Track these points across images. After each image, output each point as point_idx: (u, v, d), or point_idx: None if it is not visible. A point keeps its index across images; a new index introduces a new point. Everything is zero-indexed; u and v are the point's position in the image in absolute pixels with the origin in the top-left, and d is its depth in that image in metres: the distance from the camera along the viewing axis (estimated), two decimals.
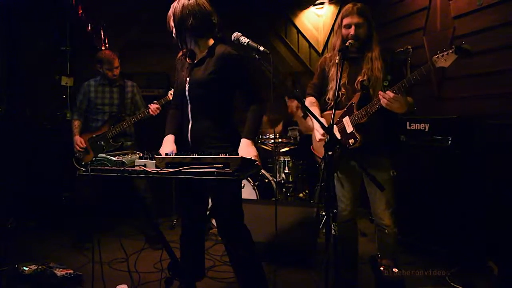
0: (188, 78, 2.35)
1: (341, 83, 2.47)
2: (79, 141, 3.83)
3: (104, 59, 3.85)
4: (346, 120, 2.55)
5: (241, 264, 2.41)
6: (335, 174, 2.62)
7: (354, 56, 2.53)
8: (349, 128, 2.54)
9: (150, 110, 3.74)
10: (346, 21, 2.48)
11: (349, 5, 2.51)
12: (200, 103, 2.35)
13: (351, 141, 2.53)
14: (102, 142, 3.83)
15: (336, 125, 2.59)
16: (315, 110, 2.68)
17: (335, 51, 2.57)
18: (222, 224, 2.43)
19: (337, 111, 2.48)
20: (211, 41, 2.36)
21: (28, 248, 3.76)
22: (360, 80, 2.48)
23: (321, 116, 2.61)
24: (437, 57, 2.23)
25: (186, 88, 2.35)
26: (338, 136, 2.56)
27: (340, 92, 2.51)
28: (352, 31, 2.45)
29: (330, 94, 2.60)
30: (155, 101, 3.75)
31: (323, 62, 2.72)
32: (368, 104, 2.44)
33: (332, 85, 2.57)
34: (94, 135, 3.88)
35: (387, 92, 2.30)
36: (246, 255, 2.35)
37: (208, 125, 2.33)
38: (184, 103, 2.39)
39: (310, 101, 2.76)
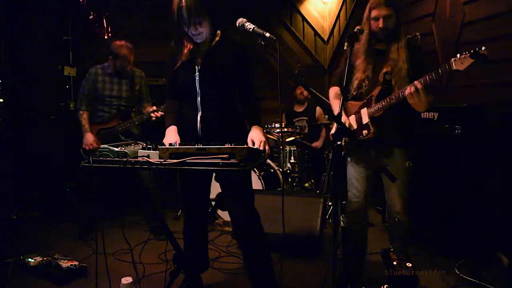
0: (198, 68, 2.28)
1: (365, 74, 2.49)
2: (92, 141, 3.61)
3: (121, 55, 3.61)
4: (364, 112, 2.56)
5: (251, 250, 2.42)
6: (350, 159, 2.64)
7: (381, 48, 2.51)
8: (365, 120, 2.55)
9: (152, 116, 3.58)
10: (374, 13, 2.45)
11: None
12: (211, 93, 2.29)
13: (365, 132, 2.54)
14: (111, 137, 3.69)
15: (355, 115, 2.60)
16: (337, 102, 2.68)
17: (363, 42, 2.55)
18: (234, 209, 2.42)
19: (358, 102, 2.57)
20: (218, 31, 2.31)
21: (33, 239, 3.75)
22: (384, 71, 2.46)
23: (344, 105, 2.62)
24: (454, 59, 2.20)
25: (197, 78, 2.28)
26: (355, 126, 2.58)
27: (363, 83, 2.52)
28: (380, 23, 2.43)
29: (355, 84, 2.58)
30: (160, 109, 3.56)
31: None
32: (385, 98, 2.44)
33: (358, 75, 2.55)
34: (103, 128, 3.76)
35: (415, 82, 2.27)
36: (257, 239, 2.37)
37: (219, 114, 2.30)
38: (190, 93, 2.31)
39: (335, 92, 2.78)
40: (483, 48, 2.13)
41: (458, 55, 2.18)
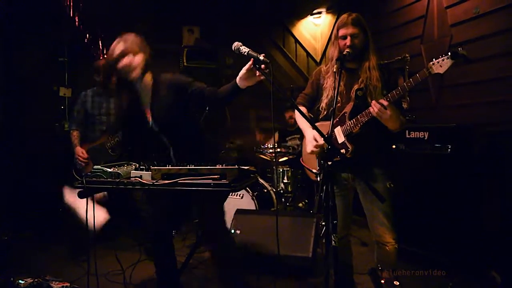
0: (149, 115, 2.38)
1: (336, 92, 2.33)
2: (80, 152, 3.77)
3: (102, 69, 3.84)
4: (338, 130, 2.49)
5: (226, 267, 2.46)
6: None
7: (352, 67, 2.47)
8: (341, 138, 2.47)
9: None
10: (341, 32, 2.42)
11: (344, 16, 2.45)
12: (171, 132, 2.40)
13: (342, 151, 2.45)
14: (101, 153, 3.79)
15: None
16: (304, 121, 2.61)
17: (332, 62, 2.50)
18: (211, 231, 2.44)
19: (329, 121, 2.36)
20: (151, 74, 2.40)
21: (24, 260, 3.72)
22: (356, 88, 2.41)
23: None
24: (433, 63, 2.16)
25: (151, 123, 2.38)
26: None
27: (335, 100, 2.38)
28: (348, 41, 2.38)
29: (323, 103, 2.53)
30: None
31: (318, 73, 2.65)
32: (360, 113, 2.37)
33: (328, 93, 2.50)
34: (93, 146, 3.84)
35: (380, 100, 2.23)
36: (233, 258, 2.44)
37: (189, 146, 2.39)
38: (151, 136, 2.42)
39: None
40: (459, 48, 2.09)
41: (436, 59, 2.13)
